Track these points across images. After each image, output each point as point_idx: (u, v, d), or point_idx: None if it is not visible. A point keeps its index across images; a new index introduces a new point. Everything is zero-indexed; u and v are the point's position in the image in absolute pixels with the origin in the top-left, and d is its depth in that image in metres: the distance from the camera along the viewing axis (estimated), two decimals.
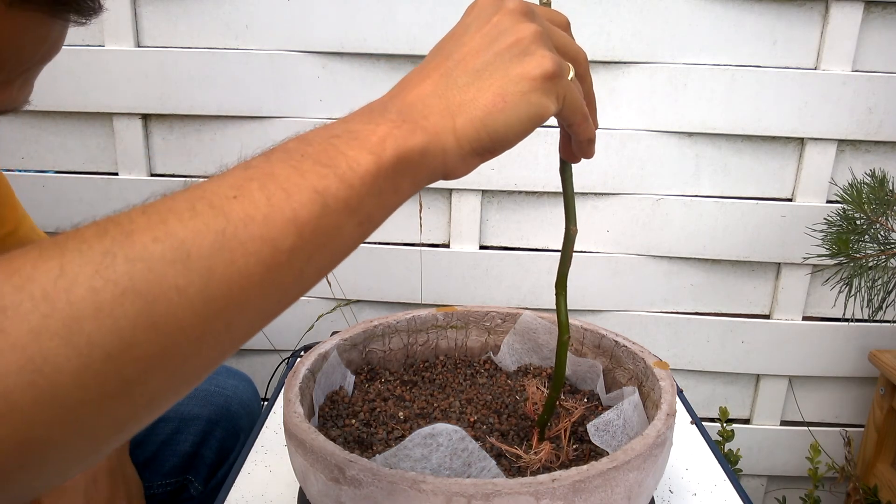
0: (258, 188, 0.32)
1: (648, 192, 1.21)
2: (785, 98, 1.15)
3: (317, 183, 0.33)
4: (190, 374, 0.30)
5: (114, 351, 0.26)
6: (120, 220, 0.29)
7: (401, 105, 0.40)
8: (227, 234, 0.30)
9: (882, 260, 0.98)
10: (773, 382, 1.32)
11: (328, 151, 0.35)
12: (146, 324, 0.27)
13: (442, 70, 0.42)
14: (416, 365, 0.77)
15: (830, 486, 1.36)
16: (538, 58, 0.41)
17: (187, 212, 0.30)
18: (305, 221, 0.32)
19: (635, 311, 1.28)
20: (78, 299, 0.26)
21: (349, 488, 0.49)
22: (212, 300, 0.29)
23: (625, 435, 0.59)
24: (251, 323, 0.32)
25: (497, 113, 0.40)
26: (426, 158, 0.38)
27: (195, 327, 0.29)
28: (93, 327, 0.26)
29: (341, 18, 1.13)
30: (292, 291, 0.33)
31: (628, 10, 1.12)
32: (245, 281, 0.30)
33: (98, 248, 0.27)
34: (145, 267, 0.28)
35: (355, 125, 0.37)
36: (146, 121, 1.20)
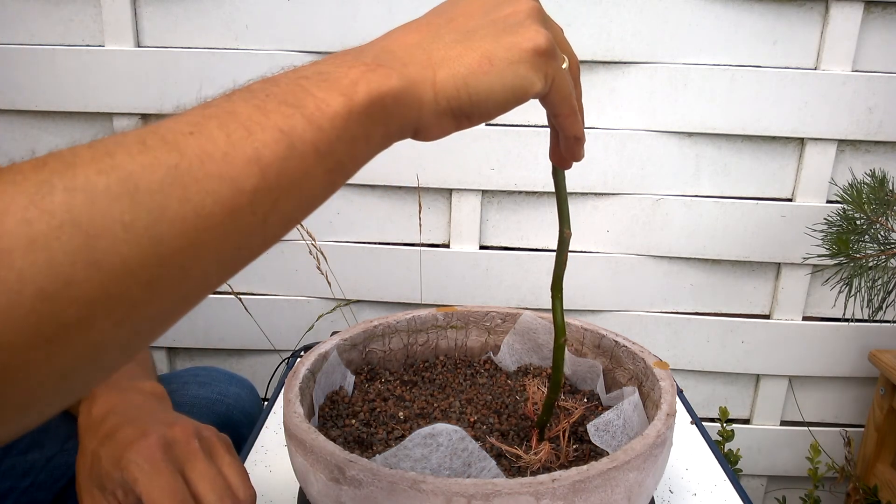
0: (217, 126, 0.29)
1: (648, 192, 1.21)
2: (785, 98, 1.15)
3: (282, 123, 0.31)
4: (139, 323, 0.27)
5: (49, 288, 0.24)
6: (62, 153, 0.27)
7: (379, 50, 0.37)
8: (181, 170, 0.27)
9: (882, 260, 0.98)
10: (773, 382, 1.32)
11: (295, 92, 0.32)
12: (86, 260, 0.25)
13: (431, 26, 0.40)
14: (416, 365, 0.77)
15: (830, 487, 1.36)
16: (532, 31, 0.40)
17: (137, 146, 0.27)
18: (269, 162, 0.30)
19: (635, 311, 1.28)
20: (7, 232, 0.23)
21: (349, 488, 0.48)
22: (163, 239, 0.27)
23: (625, 435, 0.58)
24: (208, 271, 0.29)
25: (481, 74, 0.38)
26: (400, 107, 0.36)
27: (144, 269, 0.26)
28: (24, 262, 0.23)
29: (341, 18, 1.13)
30: (255, 240, 0.31)
31: (628, 10, 1.12)
32: (201, 221, 0.28)
33: (33, 179, 0.25)
34: (87, 199, 0.25)
35: (326, 66, 0.35)
36: (146, 121, 1.20)
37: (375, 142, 0.35)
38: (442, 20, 0.40)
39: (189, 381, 0.87)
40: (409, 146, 1.18)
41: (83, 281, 0.25)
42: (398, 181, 1.20)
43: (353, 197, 1.22)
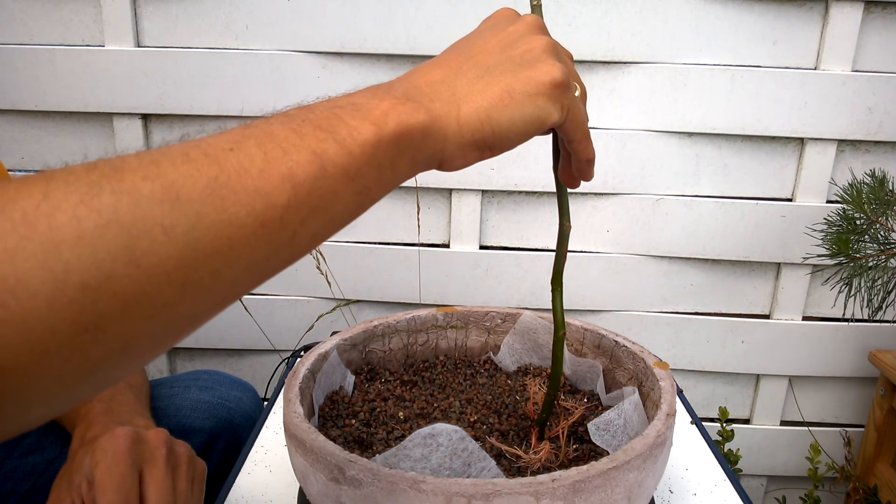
0: (255, 145, 0.32)
1: (648, 192, 1.21)
2: (785, 98, 1.15)
3: (315, 146, 0.33)
4: (170, 321, 0.29)
5: (91, 281, 0.26)
6: (111, 160, 0.29)
7: (407, 86, 0.40)
8: (220, 182, 0.30)
9: (882, 260, 0.98)
10: (772, 382, 1.32)
11: (329, 119, 0.35)
12: (127, 258, 0.26)
13: (453, 63, 0.43)
14: (416, 365, 0.77)
15: (830, 486, 1.36)
16: (548, 65, 0.42)
17: (180, 157, 0.30)
18: (301, 181, 0.32)
19: (635, 311, 1.28)
20: (59, 225, 0.25)
21: (349, 488, 0.49)
22: (198, 245, 0.29)
23: (625, 435, 0.58)
24: (238, 278, 0.31)
25: (502, 108, 0.40)
26: (427, 139, 0.38)
27: (179, 270, 0.28)
28: (71, 255, 0.25)
29: (341, 18, 1.13)
30: (283, 252, 0.33)
31: (628, 10, 1.12)
32: (235, 231, 0.30)
33: (85, 180, 0.27)
34: (132, 201, 0.27)
35: (359, 98, 0.37)
36: (146, 121, 1.20)
37: (401, 170, 0.38)
38: (462, 58, 0.43)
39: (190, 385, 0.87)
40: None
41: (123, 277, 0.26)
42: None
43: None
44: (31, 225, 0.25)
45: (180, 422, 0.83)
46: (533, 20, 0.46)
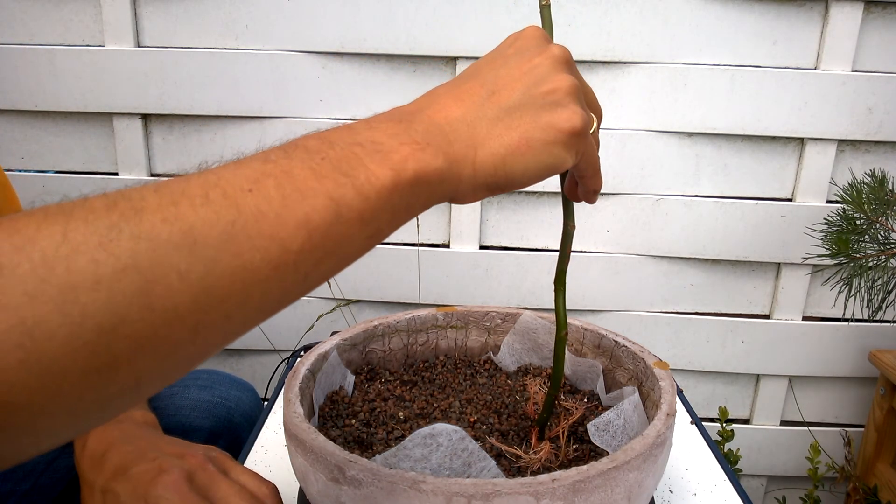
0: (274, 185, 0.32)
1: (648, 192, 1.21)
2: (785, 98, 1.15)
3: (333, 191, 0.33)
4: (181, 360, 0.30)
5: (106, 325, 0.26)
6: (131, 195, 0.29)
7: (428, 124, 0.39)
8: (237, 227, 0.30)
9: (882, 260, 0.98)
10: (772, 382, 1.32)
11: (349, 159, 0.34)
12: (142, 303, 0.27)
13: (475, 97, 0.42)
14: (416, 365, 0.77)
15: (830, 487, 1.36)
16: (569, 112, 0.42)
17: (200, 198, 0.29)
18: (317, 226, 0.32)
19: (635, 311, 1.28)
20: (78, 269, 0.26)
21: (349, 488, 0.48)
22: (212, 290, 0.29)
23: (625, 435, 0.58)
24: (249, 318, 0.32)
25: (518, 155, 0.40)
26: (442, 183, 0.38)
27: (192, 314, 0.28)
28: (88, 299, 0.26)
29: (341, 18, 1.13)
30: (294, 292, 0.33)
31: (628, 9, 1.12)
32: (249, 275, 0.30)
33: (105, 221, 0.27)
34: (150, 247, 0.27)
35: (380, 135, 0.37)
36: (146, 121, 1.20)
37: (414, 211, 0.38)
38: (484, 91, 0.42)
39: (190, 384, 0.87)
40: None
41: (137, 321, 0.27)
42: None
43: None
44: (50, 268, 0.25)
45: (180, 421, 0.83)
46: (560, 53, 0.44)
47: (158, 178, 1.23)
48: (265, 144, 0.37)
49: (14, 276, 0.25)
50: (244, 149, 1.23)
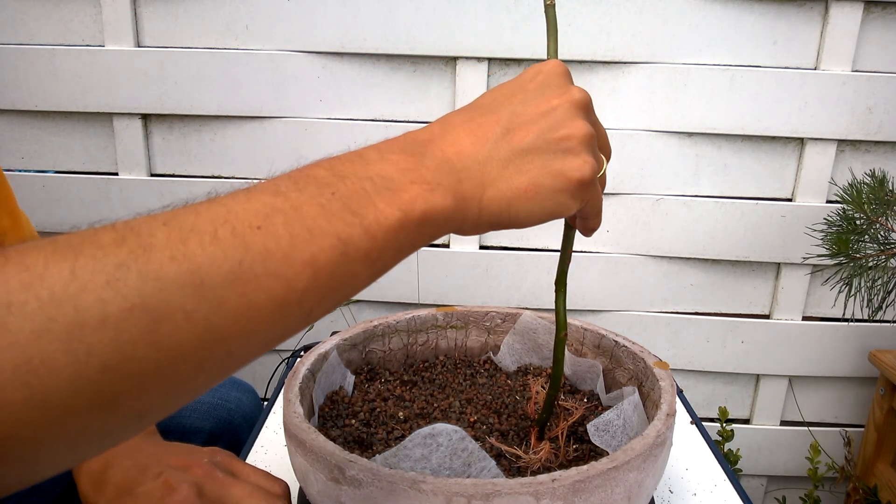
0: (283, 223, 0.31)
1: (648, 192, 1.21)
2: (785, 98, 1.15)
3: (342, 230, 0.33)
4: (183, 394, 0.30)
5: (111, 363, 0.26)
6: (140, 229, 0.29)
7: (440, 160, 0.39)
8: (244, 266, 0.30)
9: (882, 260, 0.98)
10: (772, 382, 1.31)
11: (359, 196, 0.34)
12: (148, 342, 0.27)
13: (489, 134, 0.42)
14: (416, 365, 0.77)
15: (830, 487, 1.35)
16: (580, 161, 0.42)
17: (209, 235, 0.29)
18: (323, 266, 0.32)
19: (635, 311, 1.28)
20: (85, 307, 0.26)
21: (349, 488, 0.48)
22: (217, 328, 0.29)
23: (625, 435, 0.58)
24: (251, 353, 0.32)
25: (525, 199, 0.41)
26: (447, 222, 0.38)
27: (196, 352, 0.29)
28: (95, 337, 0.26)
29: (341, 18, 1.13)
30: (296, 328, 0.33)
31: (628, 9, 1.12)
32: (253, 314, 0.30)
33: (113, 258, 0.27)
34: (157, 286, 0.27)
35: (391, 169, 0.37)
36: (146, 121, 1.20)
37: (417, 247, 0.38)
38: (500, 129, 0.42)
39: None
40: None
41: (142, 359, 0.27)
42: None
43: None
44: (58, 306, 0.25)
45: (180, 422, 0.83)
46: (580, 98, 0.44)
47: (158, 178, 1.22)
48: (266, 145, 0.37)
49: (22, 314, 0.25)
50: (244, 149, 1.22)
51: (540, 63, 0.46)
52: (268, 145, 1.19)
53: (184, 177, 1.22)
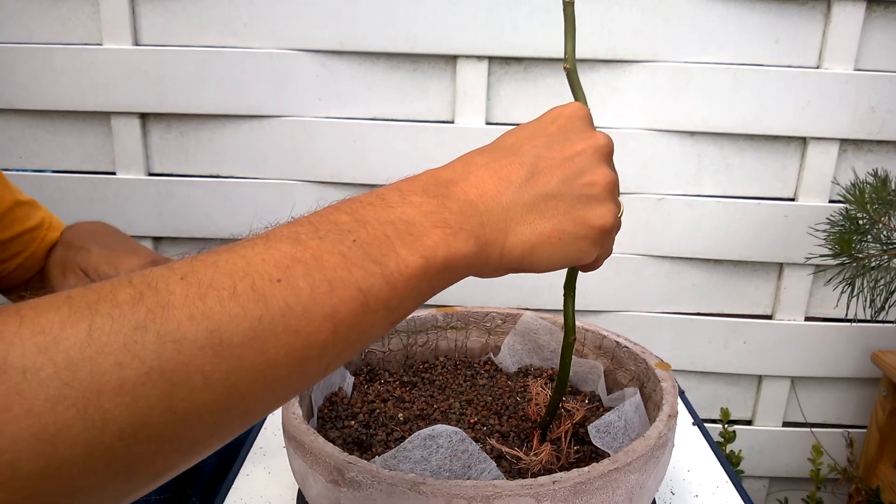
0: (303, 274, 0.31)
1: (650, 192, 1.21)
2: (787, 97, 1.14)
3: (362, 280, 0.32)
4: (199, 454, 0.29)
5: (128, 430, 0.25)
6: (157, 285, 0.28)
7: (463, 202, 0.39)
8: (264, 323, 0.29)
9: (885, 260, 0.97)
10: (775, 383, 1.31)
11: (380, 243, 0.34)
12: (165, 406, 0.26)
13: (513, 177, 0.41)
14: (416, 366, 0.76)
15: (833, 488, 1.35)
16: (603, 210, 0.43)
17: (227, 291, 0.28)
18: (343, 319, 0.31)
19: (637, 311, 1.28)
20: (102, 372, 0.25)
21: (348, 490, 0.48)
22: (235, 388, 0.28)
23: (626, 436, 0.58)
24: (268, 409, 0.31)
25: (548, 245, 0.40)
26: (469, 267, 0.38)
27: (213, 413, 0.28)
28: (111, 403, 0.25)
29: (341, 17, 1.13)
30: (313, 381, 0.33)
31: (630, 8, 1.12)
32: (271, 371, 0.29)
33: (131, 318, 0.26)
34: (175, 348, 0.26)
35: (413, 213, 0.36)
36: (144, 120, 1.20)
37: (437, 290, 0.38)
38: (524, 172, 0.41)
39: None
40: (408, 143, 1.17)
41: (158, 423, 0.26)
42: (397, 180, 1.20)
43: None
44: (74, 371, 0.24)
45: None
46: (605, 143, 0.44)
47: (157, 177, 1.22)
48: (265, 145, 0.36)
49: (37, 381, 0.24)
50: (244, 149, 1.21)
51: (560, 106, 0.46)
52: (267, 144, 1.19)
53: (182, 176, 1.21)
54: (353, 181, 1.20)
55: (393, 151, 1.18)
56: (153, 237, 1.24)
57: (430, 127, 1.17)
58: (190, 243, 1.25)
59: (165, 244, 1.26)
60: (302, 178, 1.20)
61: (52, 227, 0.80)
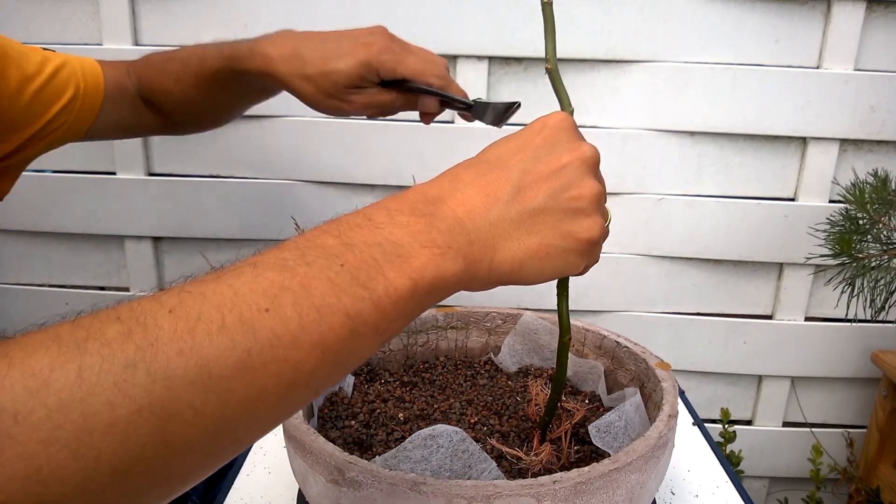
0: (291, 303, 0.31)
1: (650, 192, 1.21)
2: (787, 97, 1.14)
3: (351, 307, 0.32)
4: (191, 483, 0.30)
5: (121, 466, 0.26)
6: (146, 319, 0.28)
7: (451, 220, 0.39)
8: (252, 355, 0.29)
9: (885, 260, 0.97)
10: (775, 383, 1.31)
11: (368, 267, 0.34)
12: (156, 442, 0.26)
13: (500, 193, 0.41)
14: (416, 366, 0.76)
15: (833, 488, 1.35)
16: (590, 223, 0.42)
17: (216, 324, 0.28)
18: (331, 345, 0.32)
19: (637, 311, 1.28)
20: (93, 413, 0.25)
21: (349, 490, 0.48)
22: (225, 420, 0.28)
23: (626, 436, 0.58)
24: (258, 436, 0.31)
25: (536, 260, 0.41)
26: (457, 285, 0.38)
27: (204, 445, 0.28)
28: (103, 443, 0.25)
29: (340, 16, 1.13)
30: (302, 405, 0.33)
31: (630, 8, 1.12)
32: (261, 402, 0.30)
33: (120, 357, 0.26)
34: (165, 385, 0.26)
35: (400, 233, 0.36)
36: None
37: (425, 309, 0.38)
38: (510, 187, 0.41)
39: None
40: (408, 143, 1.17)
41: (151, 459, 0.26)
42: (397, 180, 1.20)
43: (352, 196, 1.22)
44: (66, 413, 0.25)
45: None
46: (591, 155, 0.44)
47: (156, 177, 1.22)
48: (265, 145, 0.36)
49: (29, 424, 0.24)
50: (244, 149, 1.21)
51: (545, 116, 0.46)
52: (266, 144, 1.19)
53: (182, 176, 1.21)
54: (353, 181, 1.20)
55: (393, 151, 1.18)
56: (153, 237, 1.24)
57: (430, 127, 1.17)
58: (190, 243, 1.25)
59: (165, 244, 1.26)
60: (302, 178, 1.20)
61: (88, 82, 0.76)
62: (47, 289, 1.27)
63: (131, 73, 0.82)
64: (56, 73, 0.71)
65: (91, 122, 0.77)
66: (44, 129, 0.71)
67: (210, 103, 0.81)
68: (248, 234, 1.22)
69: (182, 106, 0.80)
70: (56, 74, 0.71)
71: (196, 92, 0.77)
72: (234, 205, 1.21)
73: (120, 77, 0.80)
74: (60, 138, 0.74)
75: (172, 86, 0.77)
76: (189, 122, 0.86)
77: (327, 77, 0.69)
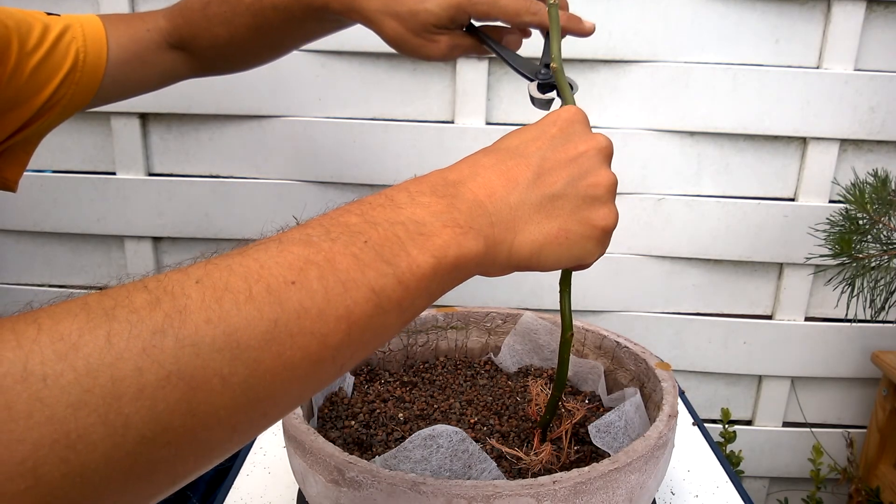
0: (317, 276, 0.31)
1: (650, 192, 1.21)
2: (787, 97, 1.14)
3: (375, 282, 0.33)
4: (217, 457, 0.30)
5: (148, 433, 0.26)
6: (173, 289, 0.28)
7: (472, 202, 0.39)
8: (280, 325, 0.29)
9: (885, 260, 0.97)
10: (775, 383, 1.31)
11: (391, 244, 0.34)
12: (184, 409, 0.26)
13: (521, 178, 0.42)
14: (416, 366, 0.76)
15: (833, 488, 1.35)
16: (606, 210, 0.44)
17: (243, 294, 0.29)
18: (357, 320, 0.32)
19: (637, 311, 1.28)
20: (122, 377, 0.25)
21: (348, 490, 0.48)
22: (252, 391, 0.29)
23: (626, 436, 0.58)
24: (284, 411, 0.31)
25: (555, 245, 0.42)
26: (478, 266, 0.39)
27: (232, 416, 0.28)
28: (132, 408, 0.25)
29: None
30: (328, 382, 0.33)
31: (630, 8, 1.12)
32: (288, 373, 0.30)
33: (149, 324, 0.26)
34: (194, 352, 0.27)
35: (422, 213, 0.37)
36: (144, 120, 1.20)
37: (447, 289, 0.38)
38: (530, 173, 0.42)
39: None
40: (408, 143, 1.17)
41: (178, 427, 0.27)
42: (397, 181, 1.19)
43: (352, 196, 1.21)
44: (95, 377, 0.25)
45: None
46: (606, 145, 0.45)
47: (156, 177, 1.22)
48: (265, 145, 0.36)
49: (58, 387, 0.24)
50: (243, 148, 1.21)
51: (558, 109, 0.47)
52: (267, 144, 1.19)
53: (182, 176, 1.21)
54: (354, 181, 1.20)
55: (393, 151, 1.18)
56: (153, 237, 1.24)
57: (430, 127, 1.17)
58: (190, 243, 1.25)
59: (165, 244, 1.26)
60: (302, 178, 1.20)
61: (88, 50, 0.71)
62: (47, 289, 1.27)
63: (160, 21, 0.76)
64: (57, 41, 0.67)
65: (94, 92, 0.73)
66: (46, 104, 0.67)
67: (263, 44, 0.77)
68: (248, 234, 1.22)
69: (227, 49, 0.76)
70: (57, 43, 0.67)
71: (250, 33, 0.73)
72: (233, 205, 1.21)
73: (134, 32, 0.75)
74: (61, 113, 0.70)
75: (219, 28, 0.73)
76: (229, 64, 0.81)
77: (416, 17, 0.66)
